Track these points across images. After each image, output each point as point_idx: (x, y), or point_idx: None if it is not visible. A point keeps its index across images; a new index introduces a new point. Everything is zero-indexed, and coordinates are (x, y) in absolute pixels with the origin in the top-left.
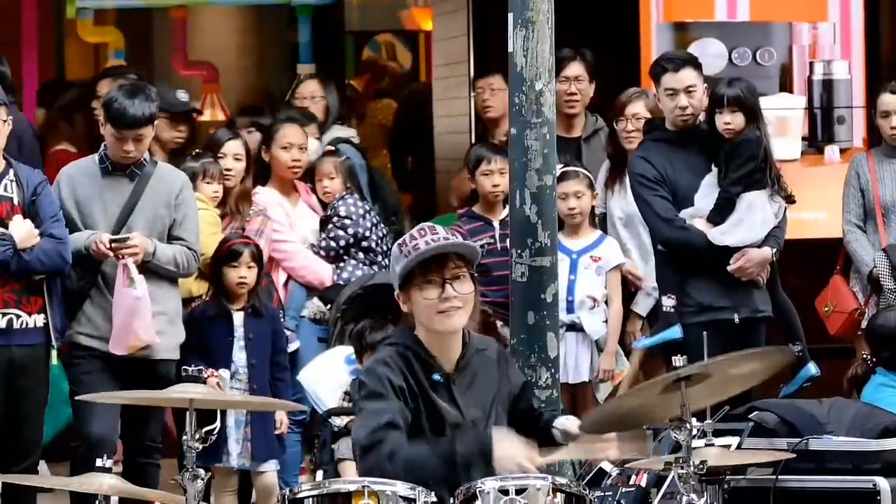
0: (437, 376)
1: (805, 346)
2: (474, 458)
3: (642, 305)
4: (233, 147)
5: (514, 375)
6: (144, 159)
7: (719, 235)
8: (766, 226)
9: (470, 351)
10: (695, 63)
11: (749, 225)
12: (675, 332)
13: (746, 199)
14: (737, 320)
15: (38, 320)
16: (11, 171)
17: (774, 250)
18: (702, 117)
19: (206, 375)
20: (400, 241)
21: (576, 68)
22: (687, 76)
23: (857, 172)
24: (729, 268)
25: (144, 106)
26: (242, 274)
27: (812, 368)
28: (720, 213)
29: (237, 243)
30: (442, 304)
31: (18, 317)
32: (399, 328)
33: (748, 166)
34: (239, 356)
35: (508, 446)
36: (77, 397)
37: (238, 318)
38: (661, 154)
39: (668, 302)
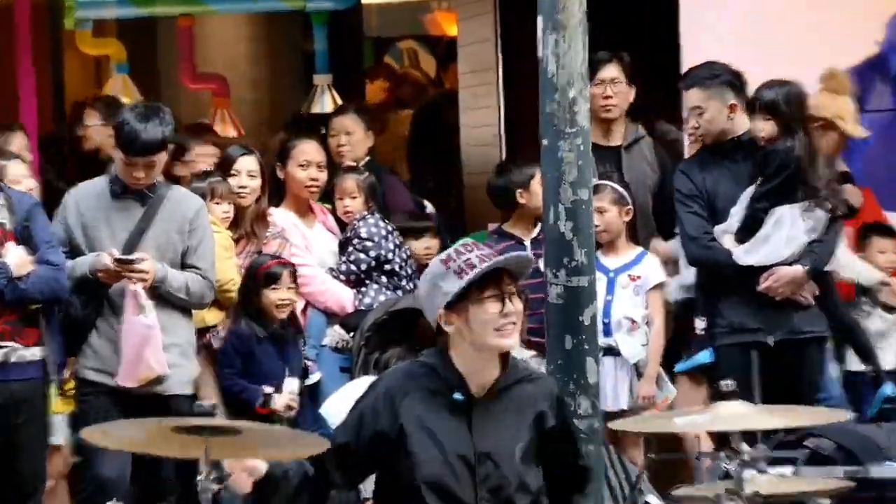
0: (458, 395)
1: (879, 365)
2: None
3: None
4: (246, 163)
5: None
6: (157, 181)
7: (742, 255)
8: (792, 243)
9: (510, 378)
10: (704, 83)
11: (774, 243)
12: (704, 356)
13: (775, 215)
14: (771, 343)
15: (36, 353)
16: (1, 196)
17: (807, 268)
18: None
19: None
20: (443, 257)
21: (612, 70)
22: (691, 97)
23: None
24: (759, 287)
25: (157, 130)
26: (283, 296)
27: (888, 389)
28: (746, 229)
29: (273, 265)
30: (501, 321)
31: (15, 350)
32: (433, 348)
33: (776, 179)
34: (290, 383)
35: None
36: (82, 432)
37: None
38: (700, 167)
39: (700, 324)
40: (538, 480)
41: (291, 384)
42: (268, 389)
